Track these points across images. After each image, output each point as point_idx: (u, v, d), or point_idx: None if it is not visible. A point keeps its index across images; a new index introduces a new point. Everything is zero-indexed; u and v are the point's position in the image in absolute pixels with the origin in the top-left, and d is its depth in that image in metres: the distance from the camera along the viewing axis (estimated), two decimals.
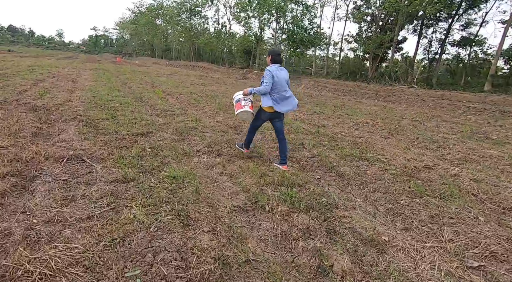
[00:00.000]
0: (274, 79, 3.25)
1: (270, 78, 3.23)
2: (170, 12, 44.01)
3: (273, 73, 3.25)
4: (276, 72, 3.27)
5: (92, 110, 5.66)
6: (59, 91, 7.91)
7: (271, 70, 3.26)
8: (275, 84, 3.27)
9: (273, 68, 3.30)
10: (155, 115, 6.13)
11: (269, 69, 3.29)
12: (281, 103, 3.35)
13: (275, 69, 3.30)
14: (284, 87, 3.35)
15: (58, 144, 3.57)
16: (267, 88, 3.25)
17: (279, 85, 3.29)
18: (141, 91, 9.58)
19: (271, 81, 3.23)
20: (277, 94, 3.32)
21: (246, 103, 3.54)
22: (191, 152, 3.86)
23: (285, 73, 3.43)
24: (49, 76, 11.34)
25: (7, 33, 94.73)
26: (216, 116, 6.50)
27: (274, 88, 3.29)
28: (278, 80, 3.27)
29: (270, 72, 3.25)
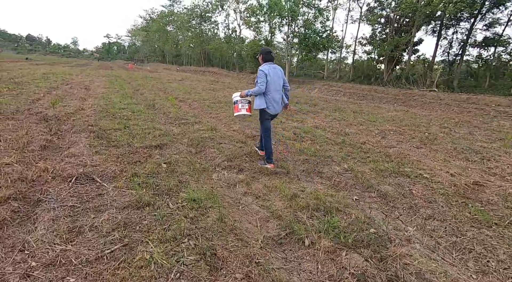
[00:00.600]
0: (268, 78, 3.20)
1: (263, 78, 3.19)
2: (180, 18, 44.55)
3: (266, 72, 3.20)
4: (269, 71, 3.23)
5: (104, 120, 5.42)
6: (71, 99, 7.78)
7: (264, 70, 3.21)
8: (269, 84, 3.24)
9: (266, 67, 3.25)
10: (169, 124, 5.85)
11: (261, 69, 3.23)
12: (274, 104, 3.35)
13: (268, 68, 3.24)
14: (278, 86, 3.33)
15: (67, 159, 3.28)
16: (262, 88, 3.20)
17: (273, 84, 3.27)
18: (154, 98, 9.39)
19: (265, 81, 3.19)
20: (271, 95, 3.29)
21: (243, 106, 3.57)
22: (209, 167, 3.51)
23: (279, 71, 3.37)
24: (63, 84, 11.35)
25: (26, 42, 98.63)
26: (232, 125, 6.15)
27: (268, 88, 3.25)
28: (271, 80, 3.23)
29: (263, 71, 3.20)
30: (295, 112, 8.49)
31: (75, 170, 2.88)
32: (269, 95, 3.28)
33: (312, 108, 9.54)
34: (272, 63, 3.36)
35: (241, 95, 3.53)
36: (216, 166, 3.59)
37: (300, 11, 18.49)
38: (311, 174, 3.51)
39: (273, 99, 3.31)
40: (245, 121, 6.36)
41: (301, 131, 5.66)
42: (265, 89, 3.24)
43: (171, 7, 50.59)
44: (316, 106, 10.28)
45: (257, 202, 2.72)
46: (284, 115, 7.87)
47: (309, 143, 4.87)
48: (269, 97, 3.29)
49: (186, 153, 3.91)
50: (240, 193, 2.90)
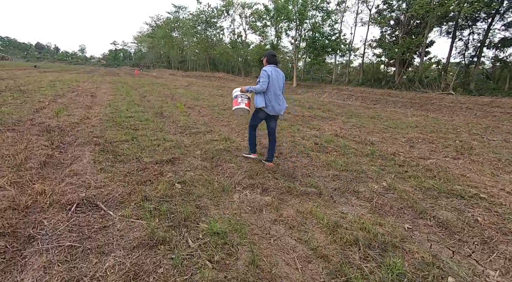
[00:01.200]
0: (270, 79, 3.32)
1: (266, 78, 3.31)
2: (186, 24, 44.74)
3: (269, 73, 3.33)
4: (271, 73, 3.35)
5: (110, 130, 5.04)
6: (76, 107, 7.47)
7: (267, 70, 3.34)
8: (270, 85, 3.35)
9: (269, 68, 3.39)
10: (179, 134, 5.44)
11: (265, 69, 3.37)
12: (273, 104, 3.41)
13: (271, 69, 3.38)
14: (278, 88, 3.44)
15: (68, 179, 2.87)
16: (263, 87, 3.32)
17: (274, 85, 3.38)
18: (161, 105, 9.04)
19: (267, 81, 3.32)
20: (271, 95, 3.38)
21: (242, 101, 3.61)
22: (229, 186, 3.06)
23: (281, 75, 3.50)
24: (69, 91, 11.12)
25: (35, 51, 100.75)
26: (246, 134, 5.72)
27: (269, 88, 3.37)
28: (272, 81, 3.35)
29: (266, 72, 3.34)
30: (310, 119, 8.03)
31: (76, 194, 2.46)
32: (268, 95, 3.39)
33: (327, 114, 9.06)
34: (276, 67, 3.49)
35: (242, 90, 3.59)
36: (236, 184, 3.14)
37: (309, 14, 18.13)
38: (346, 193, 3.04)
39: (273, 99, 3.40)
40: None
41: (322, 141, 5.20)
42: (267, 88, 3.36)
43: (176, 14, 51.01)
44: (330, 111, 9.80)
45: (291, 233, 2.25)
46: (299, 121, 7.42)
47: (334, 155, 4.39)
48: (268, 97, 3.40)
49: (201, 169, 3.47)
50: (269, 220, 2.44)
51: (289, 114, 8.83)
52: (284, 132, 5.89)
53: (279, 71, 3.48)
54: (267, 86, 3.34)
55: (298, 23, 18.89)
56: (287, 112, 9.18)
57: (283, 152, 4.45)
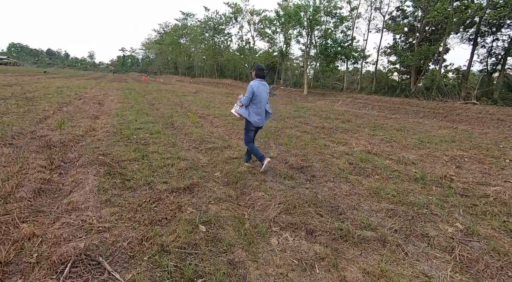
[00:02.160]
0: (255, 94, 3.58)
1: (250, 94, 3.59)
2: (194, 31, 44.90)
3: (254, 89, 3.57)
4: (258, 87, 3.60)
5: (117, 146, 4.49)
6: (82, 117, 6.99)
7: (252, 86, 3.58)
8: (255, 98, 3.61)
9: (255, 83, 3.62)
10: (194, 149, 4.87)
11: (251, 84, 3.60)
12: (256, 116, 3.65)
13: (257, 84, 3.61)
14: (263, 101, 3.67)
15: (65, 216, 2.30)
16: (246, 101, 3.64)
17: (258, 99, 3.62)
18: (171, 114, 8.54)
19: (250, 96, 3.60)
20: (256, 108, 3.64)
21: (235, 107, 3.88)
22: (263, 225, 2.44)
23: (266, 88, 3.76)
24: (76, 99, 10.74)
25: (46, 57, 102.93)
26: (268, 149, 5.12)
27: (254, 101, 3.63)
28: (258, 95, 3.60)
29: (251, 87, 3.57)
30: (331, 131, 7.41)
31: (72, 246, 1.87)
32: (253, 108, 3.65)
33: (348, 125, 8.42)
34: (263, 80, 3.74)
35: (238, 99, 3.83)
36: (271, 222, 2.52)
37: (321, 19, 17.66)
38: (412, 238, 2.39)
39: (257, 112, 3.66)
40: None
41: (357, 160, 4.55)
42: (251, 102, 3.65)
43: (184, 21, 51.38)
44: (350, 122, 9.16)
45: None
46: (321, 134, 6.79)
47: (377, 179, 3.75)
48: (253, 109, 3.65)
49: (226, 200, 2.86)
50: None
51: (307, 125, 8.23)
52: (309, 148, 5.27)
53: (265, 84, 3.76)
54: (253, 99, 3.63)
55: (310, 29, 18.42)
56: (304, 123, 8.59)
57: (316, 174, 3.82)
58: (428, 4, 14.96)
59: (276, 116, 9.71)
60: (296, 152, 4.93)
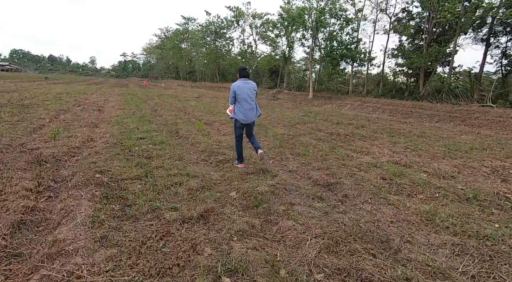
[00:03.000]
0: (237, 92, 3.77)
1: (232, 93, 3.84)
2: (195, 35, 44.71)
3: (235, 89, 3.80)
4: (239, 86, 3.78)
5: (117, 159, 3.97)
6: (80, 125, 6.49)
7: (234, 86, 3.81)
8: (239, 97, 3.78)
9: (238, 83, 3.82)
10: (203, 162, 4.34)
11: (233, 84, 3.83)
12: (243, 114, 3.79)
13: (239, 84, 3.80)
14: (248, 99, 3.80)
15: (45, 267, 1.75)
16: (231, 101, 3.89)
17: (242, 97, 3.78)
18: (175, 121, 8.03)
19: (233, 96, 3.84)
20: (240, 106, 3.79)
21: (228, 108, 4.11)
22: (302, 272, 1.89)
23: (250, 86, 3.86)
24: (75, 105, 10.26)
25: (47, 62, 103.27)
26: (285, 161, 4.58)
27: (239, 100, 3.80)
28: (241, 93, 3.77)
29: (232, 87, 3.82)
30: (348, 138, 6.86)
31: None
32: (239, 106, 3.80)
33: (363, 131, 7.88)
34: (246, 79, 3.89)
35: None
36: (311, 265, 1.96)
37: (326, 21, 17.22)
38: None
39: (243, 109, 3.78)
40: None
41: (389, 174, 4.00)
42: (236, 101, 3.83)
43: (185, 25, 51.30)
44: (364, 128, 8.61)
45: None
46: (339, 142, 6.25)
47: (422, 199, 3.19)
48: (238, 107, 3.80)
49: (250, 234, 2.32)
50: None
51: (320, 131, 7.69)
52: (331, 159, 4.73)
53: (249, 83, 3.88)
54: (237, 98, 3.79)
55: (315, 31, 17.98)
56: (316, 129, 8.06)
57: (349, 193, 3.26)
58: (438, 4, 14.51)
59: (286, 122, 9.19)
60: (317, 164, 4.39)
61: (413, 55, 16.58)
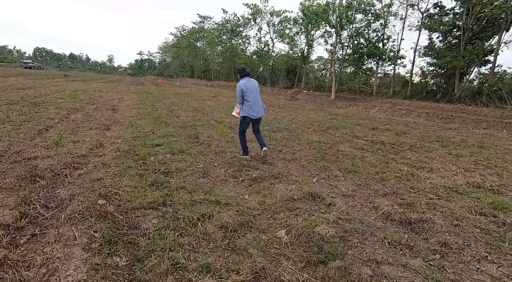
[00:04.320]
0: (244, 90, 3.91)
1: (239, 92, 3.96)
2: (211, 34, 44.22)
3: (242, 87, 3.93)
4: (245, 84, 3.94)
5: (128, 176, 3.16)
6: (90, 127, 5.79)
7: (240, 85, 3.96)
8: (246, 94, 3.92)
9: (243, 82, 3.99)
10: (233, 180, 3.46)
11: (238, 84, 4.00)
12: (253, 111, 3.96)
13: (244, 82, 3.97)
14: (256, 95, 3.99)
15: None
16: (239, 99, 4.02)
17: (250, 93, 3.93)
18: (193, 123, 7.24)
19: (240, 94, 3.96)
20: (251, 102, 3.93)
21: (235, 110, 4.26)
22: None
23: (255, 83, 4.10)
24: (88, 103, 9.71)
25: (68, 60, 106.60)
26: (335, 181, 3.63)
27: (247, 97, 3.93)
28: (248, 90, 3.93)
29: (238, 86, 3.97)
30: (395, 148, 5.81)
31: None
32: (248, 103, 3.95)
33: (408, 139, 6.77)
34: (248, 77, 4.09)
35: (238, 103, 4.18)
36: None
37: (353, 17, 16.00)
38: None
39: (253, 105, 3.95)
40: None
41: (486, 206, 2.97)
42: (244, 98, 3.98)
43: (201, 24, 50.96)
44: (406, 135, 7.49)
45: None
46: (387, 153, 5.21)
47: None
48: (248, 104, 3.95)
49: None
50: None
51: (358, 139, 6.67)
52: (391, 178, 3.73)
53: (253, 80, 4.07)
54: (246, 95, 3.93)
55: (339, 28, 16.80)
56: (353, 135, 7.04)
57: (448, 241, 2.28)
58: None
59: (315, 126, 8.20)
60: (378, 187, 3.41)
61: (450, 53, 15.08)
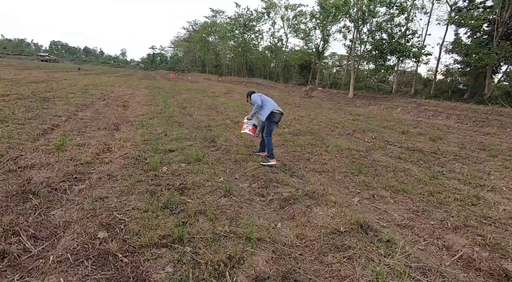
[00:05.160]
0: (262, 97, 4.16)
1: (258, 98, 4.11)
2: (223, 28, 43.50)
3: (258, 95, 4.17)
4: (260, 95, 4.20)
5: (138, 193, 2.63)
6: (98, 127, 5.33)
7: (255, 96, 4.17)
8: (264, 100, 4.13)
9: (256, 94, 4.24)
10: (259, 199, 2.89)
11: (253, 95, 4.19)
12: (275, 107, 4.07)
13: (258, 94, 4.24)
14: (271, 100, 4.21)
15: None
16: (259, 103, 4.03)
17: (267, 100, 4.16)
18: (208, 123, 6.71)
19: (259, 99, 4.09)
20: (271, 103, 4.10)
21: (247, 127, 4.20)
22: None
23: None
24: (99, 99, 9.33)
25: (82, 54, 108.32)
26: (382, 203, 3.00)
27: (265, 102, 4.10)
28: (264, 98, 4.17)
29: (255, 97, 4.14)
30: (436, 157, 5.08)
31: None
32: (268, 105, 4.04)
33: (449, 147, 6.01)
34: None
35: (247, 118, 4.25)
36: None
37: (376, 10, 14.98)
38: None
39: (274, 105, 4.07)
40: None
41: None
42: (262, 103, 4.06)
43: (213, 18, 50.25)
44: (443, 141, 6.71)
45: None
46: (429, 164, 4.51)
47: None
48: (269, 106, 4.03)
49: None
50: None
51: (390, 145, 5.96)
52: (450, 202, 3.07)
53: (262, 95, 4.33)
54: (263, 101, 4.09)
55: (361, 22, 15.80)
56: (383, 140, 6.33)
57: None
58: None
59: (339, 129, 7.52)
60: (446, 218, 2.76)
61: (482, 50, 13.92)
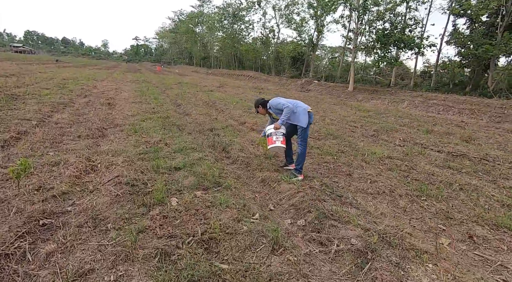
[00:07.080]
0: (286, 100, 3.44)
1: (283, 100, 3.35)
2: (211, 18, 41.65)
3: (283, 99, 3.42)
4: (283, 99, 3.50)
5: (141, 256, 1.68)
6: (78, 134, 4.24)
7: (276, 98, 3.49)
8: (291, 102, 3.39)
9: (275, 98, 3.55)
10: (320, 251, 2.00)
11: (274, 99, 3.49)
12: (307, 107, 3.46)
13: (276, 97, 3.58)
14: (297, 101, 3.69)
15: None
16: (290, 106, 3.27)
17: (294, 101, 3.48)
18: (212, 125, 5.72)
19: (285, 101, 3.33)
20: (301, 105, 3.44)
21: (277, 138, 3.37)
22: None
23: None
24: (80, 96, 8.07)
25: (61, 45, 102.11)
26: (488, 249, 2.19)
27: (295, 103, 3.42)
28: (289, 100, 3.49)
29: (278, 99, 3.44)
30: (488, 166, 4.37)
31: None
32: (300, 105, 3.40)
33: (491, 151, 5.33)
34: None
35: (276, 128, 3.38)
36: None
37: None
38: None
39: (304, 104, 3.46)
40: None
41: None
42: (294, 108, 3.33)
43: (200, 8, 48.03)
44: (477, 142, 6.05)
45: None
46: (498, 178, 3.77)
47: None
48: (302, 106, 3.40)
49: None
50: None
51: (428, 150, 5.21)
52: None
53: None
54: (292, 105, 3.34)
55: (362, 11, 14.96)
56: (418, 145, 5.60)
57: None
58: None
59: (359, 129, 6.71)
60: None
61: (487, 41, 13.45)
